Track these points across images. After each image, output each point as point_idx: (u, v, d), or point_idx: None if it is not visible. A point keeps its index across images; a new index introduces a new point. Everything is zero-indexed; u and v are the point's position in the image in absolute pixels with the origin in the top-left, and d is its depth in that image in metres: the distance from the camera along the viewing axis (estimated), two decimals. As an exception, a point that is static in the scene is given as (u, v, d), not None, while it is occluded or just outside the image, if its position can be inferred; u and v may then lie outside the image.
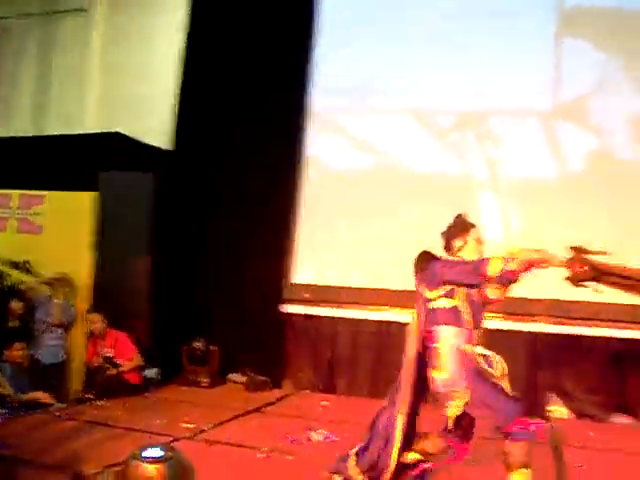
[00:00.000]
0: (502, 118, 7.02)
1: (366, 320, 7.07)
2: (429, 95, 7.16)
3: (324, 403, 6.49)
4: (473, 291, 3.71)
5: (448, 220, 4.00)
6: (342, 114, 7.50)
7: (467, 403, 3.60)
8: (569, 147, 6.88)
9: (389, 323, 6.90)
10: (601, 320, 6.40)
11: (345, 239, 7.26)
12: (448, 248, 3.93)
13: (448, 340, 3.64)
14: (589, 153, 6.85)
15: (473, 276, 3.61)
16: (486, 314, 3.82)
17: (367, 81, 7.37)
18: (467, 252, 3.85)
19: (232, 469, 4.31)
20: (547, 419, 5.98)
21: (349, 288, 7.17)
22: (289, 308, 7.27)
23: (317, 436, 5.18)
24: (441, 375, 3.64)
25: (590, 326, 6.44)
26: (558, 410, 6.38)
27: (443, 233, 3.97)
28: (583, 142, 6.87)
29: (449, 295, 3.70)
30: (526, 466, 3.56)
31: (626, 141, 6.78)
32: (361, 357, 7.02)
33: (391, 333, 6.90)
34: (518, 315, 6.51)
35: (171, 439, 4.66)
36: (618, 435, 5.82)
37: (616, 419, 6.32)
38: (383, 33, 7.36)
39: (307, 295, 7.25)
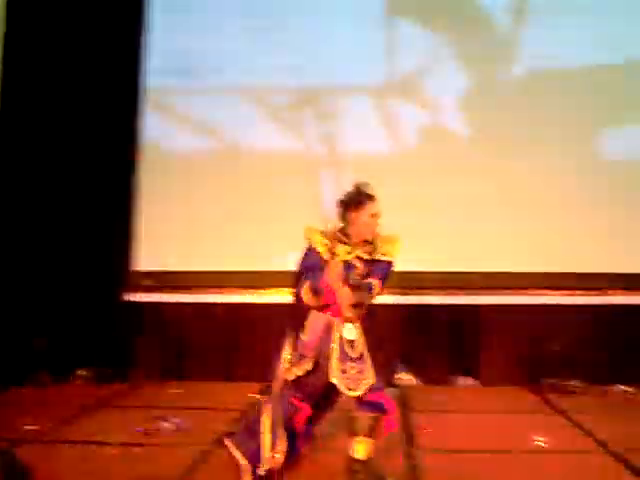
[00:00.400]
0: (337, 95, 7.11)
1: (213, 304, 6.98)
2: (265, 73, 7.10)
3: (175, 391, 6.37)
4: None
5: (289, 197, 3.98)
6: (178, 94, 7.28)
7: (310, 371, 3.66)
8: (402, 123, 7.10)
9: (237, 306, 6.88)
10: (441, 288, 6.72)
11: (186, 223, 7.10)
12: (343, 219, 3.82)
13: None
14: (421, 128, 7.10)
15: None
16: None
17: (202, 60, 7.21)
18: (360, 226, 3.77)
19: (78, 468, 4.12)
20: (395, 386, 6.23)
21: (193, 272, 7.04)
22: (133, 296, 7.03)
23: (168, 425, 5.06)
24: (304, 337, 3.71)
25: (433, 295, 6.73)
26: (405, 377, 6.61)
27: (339, 202, 3.85)
28: (415, 118, 7.11)
29: None
30: (371, 436, 3.67)
31: (457, 117, 7.08)
32: (211, 342, 6.93)
33: (240, 316, 6.89)
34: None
35: (9, 443, 4.39)
36: (463, 396, 6.15)
37: (460, 382, 6.66)
38: (218, 11, 7.23)
39: (150, 282, 7.04)
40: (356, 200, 3.79)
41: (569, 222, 6.73)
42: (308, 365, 3.67)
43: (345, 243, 3.75)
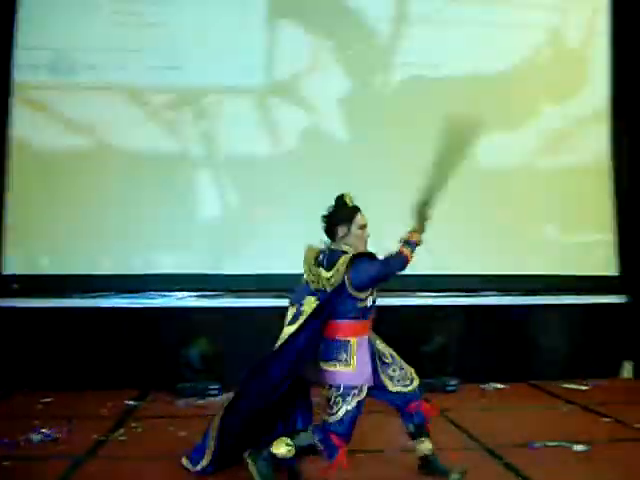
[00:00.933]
0: (218, 96, 7.02)
1: (84, 308, 6.69)
2: (141, 72, 6.93)
3: (45, 400, 6.08)
4: None
5: (164, 198, 3.88)
6: (50, 91, 6.94)
7: None
8: (284, 125, 7.09)
9: (108, 310, 6.70)
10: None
11: (57, 224, 6.80)
12: (331, 234, 3.83)
13: None
14: (303, 131, 7.13)
15: None
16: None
17: (75, 56, 6.92)
18: (352, 239, 3.78)
19: None
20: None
21: (63, 276, 6.74)
22: (2, 301, 6.66)
23: (37, 436, 4.82)
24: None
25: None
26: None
27: (325, 217, 3.85)
28: (297, 120, 7.12)
29: None
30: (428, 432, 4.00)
31: (337, 120, 7.16)
32: (82, 349, 6.64)
33: (111, 321, 6.68)
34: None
35: None
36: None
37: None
38: (92, 6, 6.97)
39: (19, 286, 6.70)
40: (346, 214, 3.80)
41: (444, 225, 6.89)
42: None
43: None
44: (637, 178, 7.48)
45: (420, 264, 6.43)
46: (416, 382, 3.99)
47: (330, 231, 3.84)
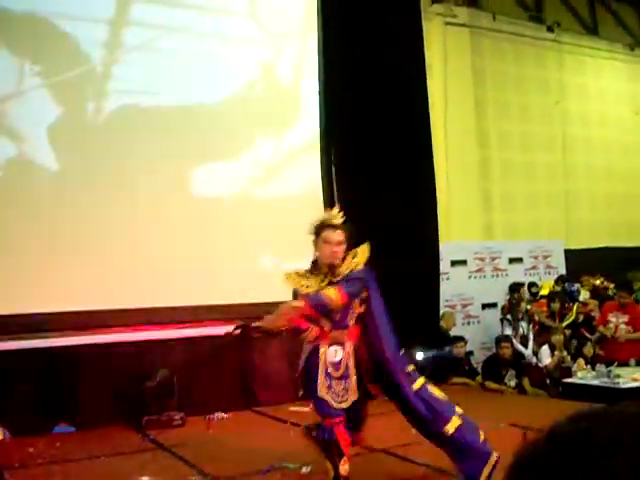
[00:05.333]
0: None
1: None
2: None
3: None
4: None
5: None
6: None
7: None
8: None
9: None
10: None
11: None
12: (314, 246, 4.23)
13: None
14: (7, 160, 6.61)
15: None
16: None
17: None
18: (319, 250, 4.17)
19: None
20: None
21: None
22: None
23: None
24: None
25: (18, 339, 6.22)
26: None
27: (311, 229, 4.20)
28: (1, 149, 6.58)
29: None
30: None
31: (46, 149, 6.73)
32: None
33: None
34: None
35: None
36: (61, 445, 5.74)
37: (58, 429, 6.24)
38: None
39: None
40: (317, 226, 4.19)
41: (159, 257, 6.80)
42: None
43: (316, 274, 4.15)
44: (345, 205, 7.94)
45: (134, 298, 6.32)
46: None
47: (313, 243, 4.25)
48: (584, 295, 10.11)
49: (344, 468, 3.96)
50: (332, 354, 4.03)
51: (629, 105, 13.16)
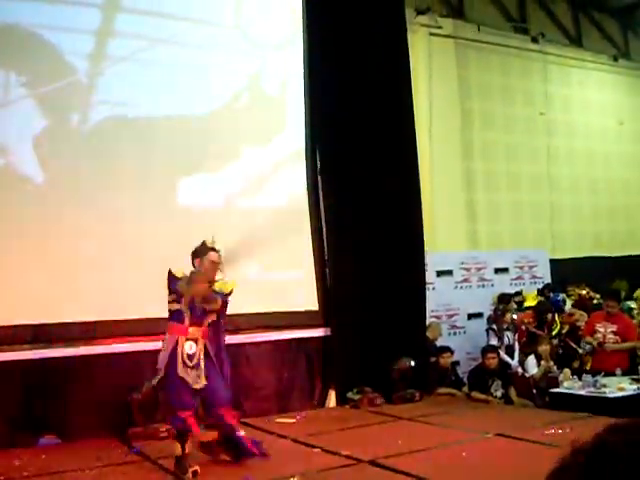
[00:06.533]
0: None
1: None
2: None
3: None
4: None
5: None
6: None
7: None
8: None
9: None
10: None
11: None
12: (193, 265, 5.16)
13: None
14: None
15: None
16: None
17: None
18: (203, 266, 5.13)
19: None
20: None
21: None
22: None
23: None
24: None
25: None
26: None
27: (191, 253, 5.19)
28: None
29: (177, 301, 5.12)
30: None
31: (30, 160, 6.68)
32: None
33: None
34: None
35: None
36: (48, 456, 5.69)
37: (43, 441, 6.18)
38: None
39: None
40: (200, 250, 5.17)
41: (145, 268, 6.75)
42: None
43: None
44: (331, 215, 7.98)
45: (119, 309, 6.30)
46: None
47: (193, 264, 5.19)
48: (568, 305, 10.15)
49: (189, 445, 4.97)
50: (188, 347, 5.07)
51: (613, 116, 13.27)
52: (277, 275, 7.84)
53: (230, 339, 7.20)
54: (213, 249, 5.17)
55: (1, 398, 6.05)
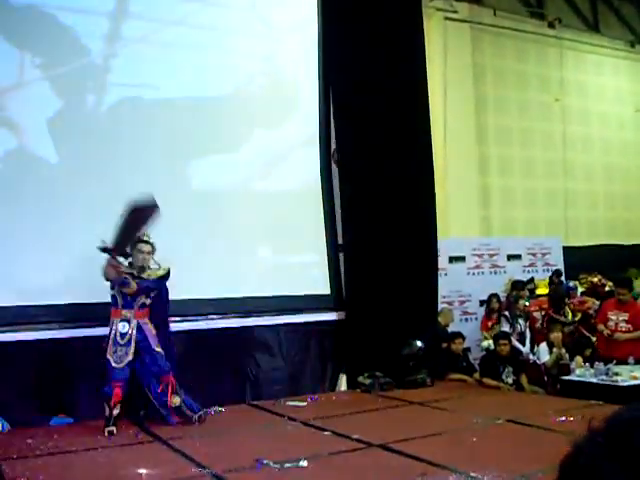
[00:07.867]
0: None
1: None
2: None
3: None
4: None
5: None
6: None
7: None
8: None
9: None
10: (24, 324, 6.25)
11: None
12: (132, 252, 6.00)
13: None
14: (9, 151, 6.58)
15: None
16: None
17: None
18: (135, 258, 5.98)
19: None
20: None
21: None
22: None
23: None
24: None
25: (16, 331, 6.20)
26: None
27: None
28: (1, 141, 6.54)
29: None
30: None
31: (46, 141, 6.69)
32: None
33: None
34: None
35: None
36: (60, 436, 5.73)
37: (55, 421, 6.23)
38: None
39: None
40: (136, 241, 5.91)
41: (157, 251, 6.72)
42: None
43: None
44: (345, 200, 7.97)
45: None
46: None
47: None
48: (580, 292, 10.12)
49: (115, 411, 5.76)
50: (122, 327, 5.87)
51: (629, 102, 13.16)
52: (289, 259, 7.85)
53: (242, 322, 7.29)
54: (143, 240, 5.92)
55: (14, 378, 6.10)
